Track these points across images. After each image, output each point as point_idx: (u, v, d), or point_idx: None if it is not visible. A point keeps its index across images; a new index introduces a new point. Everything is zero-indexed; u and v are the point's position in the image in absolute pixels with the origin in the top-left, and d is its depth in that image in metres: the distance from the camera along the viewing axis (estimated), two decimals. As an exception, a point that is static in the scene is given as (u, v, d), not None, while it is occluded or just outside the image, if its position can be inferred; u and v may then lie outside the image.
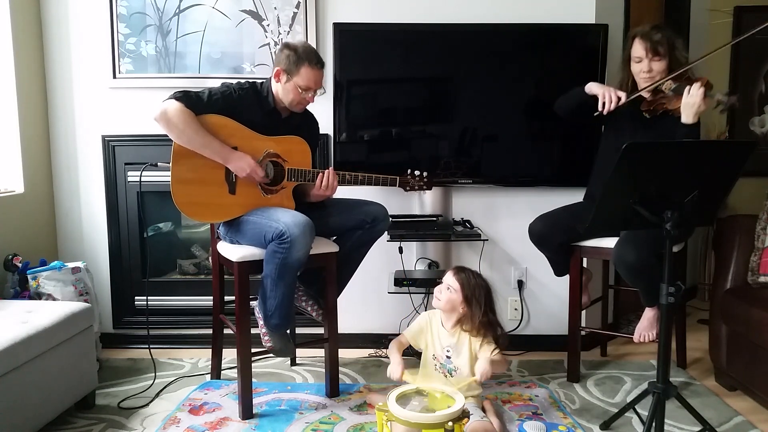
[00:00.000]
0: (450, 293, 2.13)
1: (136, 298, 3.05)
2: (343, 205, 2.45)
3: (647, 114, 2.39)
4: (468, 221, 2.90)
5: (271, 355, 2.43)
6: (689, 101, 2.19)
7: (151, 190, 2.94)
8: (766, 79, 3.84)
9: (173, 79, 2.89)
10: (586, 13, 2.85)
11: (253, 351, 2.28)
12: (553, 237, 2.50)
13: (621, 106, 2.36)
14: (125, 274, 3.05)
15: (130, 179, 2.98)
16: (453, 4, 2.85)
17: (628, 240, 2.24)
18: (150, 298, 2.87)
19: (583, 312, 2.71)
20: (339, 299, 2.47)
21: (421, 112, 2.91)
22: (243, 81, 2.37)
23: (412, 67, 2.89)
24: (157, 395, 2.47)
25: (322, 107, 2.66)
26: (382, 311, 3.00)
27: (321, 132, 2.66)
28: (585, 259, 2.59)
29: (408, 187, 2.47)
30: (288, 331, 2.45)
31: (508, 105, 2.88)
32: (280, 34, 2.89)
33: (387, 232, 2.54)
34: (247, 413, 2.26)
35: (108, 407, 2.36)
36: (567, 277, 2.58)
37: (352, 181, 2.37)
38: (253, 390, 2.33)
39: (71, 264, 2.68)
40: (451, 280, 2.14)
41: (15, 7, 2.77)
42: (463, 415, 1.74)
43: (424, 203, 2.90)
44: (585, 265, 2.68)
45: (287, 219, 2.14)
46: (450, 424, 1.71)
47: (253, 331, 2.28)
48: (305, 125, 2.45)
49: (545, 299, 3.03)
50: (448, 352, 2.15)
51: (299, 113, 2.41)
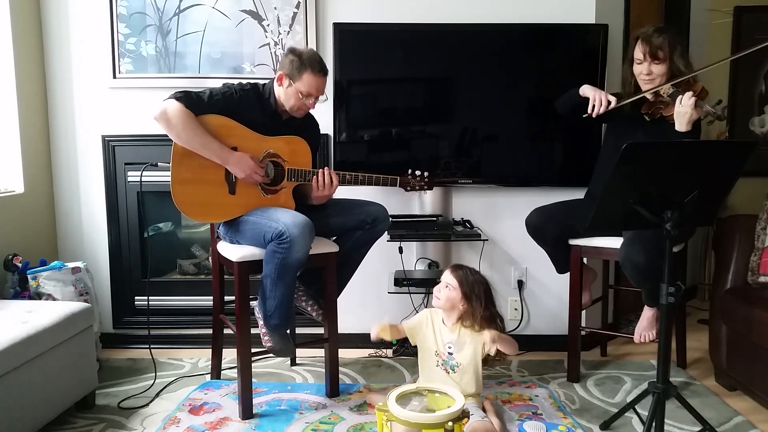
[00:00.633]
0: (449, 291, 2.13)
1: (136, 298, 3.05)
2: (344, 206, 2.45)
3: (647, 117, 2.39)
4: (468, 221, 2.90)
5: (271, 355, 2.44)
6: (680, 110, 2.20)
7: (151, 190, 2.94)
8: (766, 79, 3.84)
9: (173, 79, 2.89)
10: (586, 13, 2.85)
11: (253, 351, 2.28)
12: (549, 229, 2.51)
13: (621, 106, 2.37)
14: (125, 274, 3.05)
15: (130, 179, 2.98)
16: (453, 4, 2.86)
17: (635, 240, 2.23)
18: (150, 298, 2.87)
19: (583, 312, 2.71)
20: (339, 299, 2.47)
21: (421, 112, 2.92)
22: (244, 82, 2.37)
23: (412, 67, 2.89)
24: (157, 395, 2.47)
25: (322, 107, 2.65)
26: (382, 311, 3.00)
27: (321, 132, 2.66)
28: (585, 259, 2.59)
29: (408, 187, 2.47)
30: (288, 331, 2.45)
31: (508, 105, 2.88)
32: (280, 34, 2.89)
33: (387, 232, 2.54)
34: (247, 413, 2.26)
35: (108, 407, 2.36)
36: (567, 278, 2.58)
37: (352, 181, 2.37)
38: (253, 390, 2.33)
39: (71, 264, 2.68)
40: (450, 278, 2.14)
41: (15, 7, 2.77)
42: (463, 415, 1.74)
43: (424, 203, 2.90)
44: (589, 265, 2.69)
45: (287, 219, 2.14)
46: (450, 424, 1.70)
47: (253, 331, 2.28)
48: (305, 127, 2.45)
49: (545, 299, 3.03)
50: (450, 348, 2.15)
51: (299, 117, 2.41)
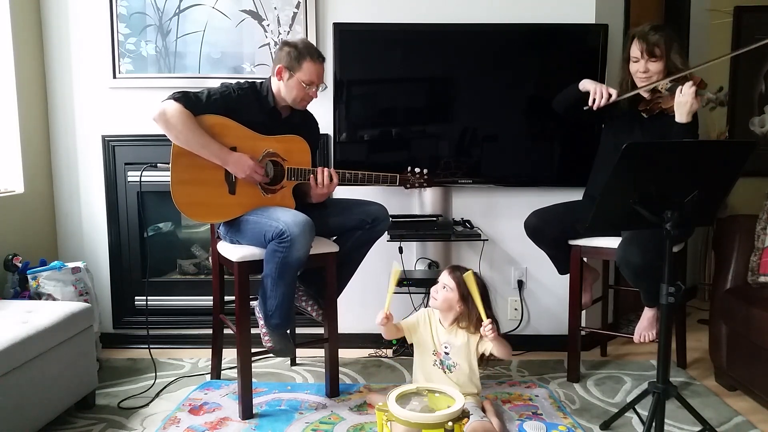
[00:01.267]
0: (446, 292, 2.13)
1: (136, 298, 3.05)
2: (344, 205, 2.45)
3: (645, 114, 2.40)
4: (468, 221, 2.90)
5: (271, 355, 2.43)
6: (681, 100, 2.20)
7: (151, 190, 2.94)
8: (766, 79, 3.84)
9: (173, 79, 2.89)
10: (586, 13, 2.85)
11: (253, 351, 2.28)
12: (548, 231, 2.51)
13: (618, 104, 2.39)
14: (125, 274, 3.05)
15: (130, 179, 2.98)
16: (453, 4, 2.86)
17: (632, 241, 2.23)
18: (150, 298, 2.88)
19: (583, 312, 2.71)
20: (339, 299, 2.47)
21: (421, 112, 2.92)
22: (242, 81, 2.37)
23: (412, 67, 2.89)
24: (157, 395, 2.47)
25: (322, 107, 2.66)
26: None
27: (321, 132, 2.66)
28: (585, 259, 2.59)
29: (408, 185, 2.47)
30: (288, 331, 2.45)
31: (508, 105, 2.88)
32: (280, 34, 2.89)
33: (387, 232, 2.54)
34: (247, 413, 2.26)
35: (108, 407, 2.36)
36: (567, 278, 2.58)
37: (351, 180, 2.37)
38: (253, 390, 2.33)
39: (71, 264, 2.68)
40: (447, 279, 2.14)
41: (15, 7, 2.77)
42: (463, 415, 1.74)
43: (424, 203, 2.90)
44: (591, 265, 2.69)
45: (287, 218, 2.14)
46: (450, 424, 1.71)
47: (253, 331, 2.28)
48: (305, 125, 2.45)
49: (545, 299, 3.03)
50: (446, 348, 2.16)
51: (299, 113, 2.42)
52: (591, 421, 2.23)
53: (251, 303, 2.33)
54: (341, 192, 2.41)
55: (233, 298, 2.27)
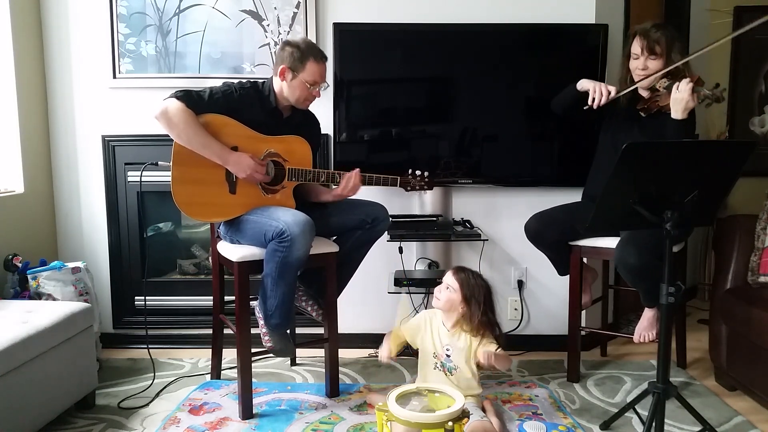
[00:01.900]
0: (449, 293, 2.13)
1: (136, 298, 3.05)
2: (344, 205, 2.45)
3: (643, 113, 2.40)
4: (468, 221, 2.90)
5: (271, 355, 2.43)
6: (677, 97, 2.20)
7: (151, 190, 2.94)
8: (766, 79, 3.84)
9: (173, 79, 2.89)
10: (586, 13, 2.85)
11: (253, 351, 2.28)
12: (548, 235, 2.51)
13: (617, 102, 2.38)
14: (125, 274, 3.05)
15: (130, 179, 2.98)
16: (453, 4, 2.85)
17: (629, 241, 2.23)
18: (150, 298, 2.88)
19: (583, 312, 2.71)
20: (339, 299, 2.47)
21: (421, 112, 2.92)
22: (244, 81, 2.37)
23: (412, 67, 2.89)
24: (157, 395, 2.47)
25: (322, 107, 2.66)
26: (382, 311, 3.00)
27: (321, 132, 2.66)
28: (585, 259, 2.59)
29: (409, 187, 2.47)
30: (288, 331, 2.45)
31: (508, 105, 2.88)
32: (280, 34, 2.89)
33: (387, 232, 2.54)
34: (247, 413, 2.26)
35: (108, 407, 2.36)
36: (567, 278, 2.58)
37: None
38: (253, 390, 2.33)
39: (71, 264, 2.68)
40: (451, 279, 2.15)
41: (15, 7, 2.77)
42: (463, 415, 1.74)
43: (424, 203, 2.90)
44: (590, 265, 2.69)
45: (287, 218, 2.14)
46: (450, 424, 1.70)
47: (253, 331, 2.28)
48: (306, 125, 2.45)
49: (545, 299, 3.03)
50: (448, 350, 2.16)
51: (300, 113, 2.42)
52: (591, 421, 2.23)
53: (251, 303, 2.33)
54: (341, 192, 2.42)
55: (233, 298, 2.27)
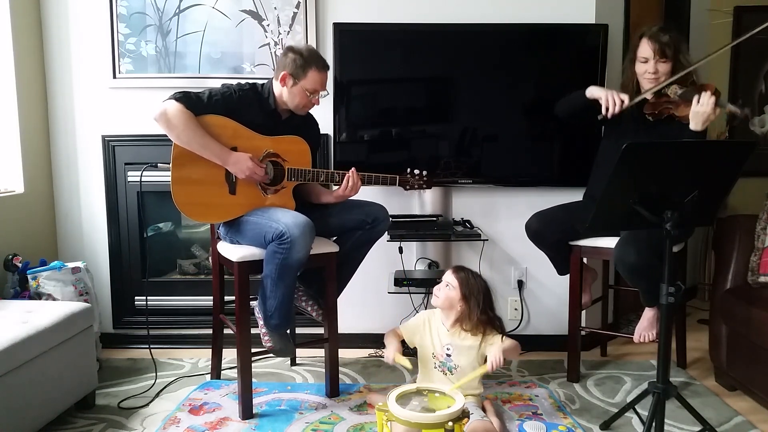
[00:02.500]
0: (449, 290, 2.13)
1: (136, 298, 3.05)
2: (344, 206, 2.45)
3: (651, 117, 2.36)
4: (468, 221, 2.90)
5: (271, 355, 2.43)
6: (699, 110, 2.17)
7: (151, 190, 2.94)
8: (766, 79, 3.84)
9: (173, 79, 2.89)
10: (586, 13, 2.84)
11: (253, 351, 2.28)
12: (549, 234, 2.51)
13: (624, 108, 2.35)
14: (125, 274, 3.05)
15: (130, 179, 2.98)
16: (453, 4, 2.85)
17: (628, 240, 2.24)
18: (150, 298, 2.88)
19: (583, 312, 2.71)
20: (339, 299, 2.47)
21: (421, 112, 2.92)
22: (243, 82, 2.37)
23: (412, 67, 2.89)
24: (157, 395, 2.47)
25: (322, 107, 2.65)
26: (382, 311, 3.00)
27: (321, 132, 2.66)
28: (585, 259, 2.59)
29: (408, 186, 2.47)
30: (288, 331, 2.45)
31: (508, 105, 2.88)
32: (280, 34, 2.89)
33: (387, 232, 2.54)
34: (247, 413, 2.26)
35: (108, 407, 2.36)
36: (567, 278, 2.58)
37: None
38: (253, 390, 2.33)
39: (71, 264, 2.68)
40: (450, 278, 2.15)
41: (15, 7, 2.77)
42: (463, 415, 1.74)
43: (424, 203, 2.90)
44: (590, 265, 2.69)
45: (287, 219, 2.14)
46: (450, 424, 1.71)
47: (253, 331, 2.28)
48: (305, 126, 2.45)
49: (545, 299, 3.03)
50: (448, 350, 2.16)
51: (299, 115, 2.42)
52: (591, 421, 2.23)
53: (251, 303, 2.33)
54: (341, 192, 2.42)
55: (233, 298, 2.27)
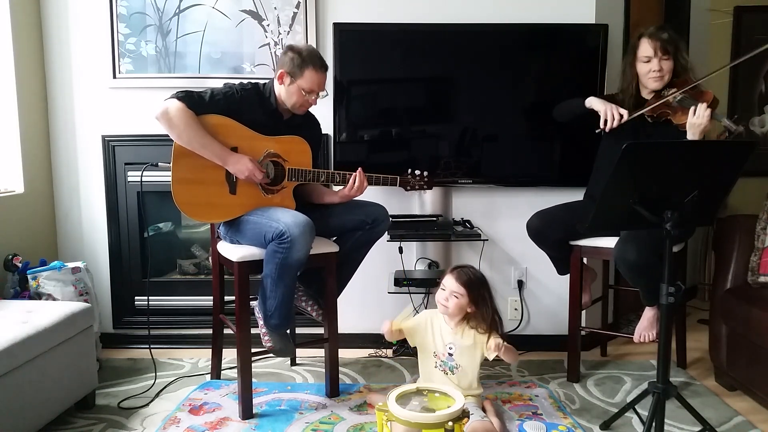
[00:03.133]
0: (458, 300, 2.10)
1: (136, 298, 3.05)
2: (344, 206, 2.45)
3: (650, 119, 2.39)
4: (468, 221, 2.90)
5: (271, 355, 2.43)
6: (695, 122, 2.20)
7: (151, 190, 2.94)
8: (766, 79, 3.84)
9: (173, 79, 2.89)
10: (586, 13, 2.85)
11: (253, 351, 2.28)
12: (550, 233, 2.51)
13: (623, 122, 2.36)
14: (125, 274, 3.05)
15: (130, 179, 2.98)
16: (453, 4, 2.85)
17: (629, 239, 2.24)
18: (150, 298, 2.87)
19: (583, 312, 2.71)
20: (339, 299, 2.47)
21: (421, 112, 2.92)
22: (245, 81, 2.37)
23: (412, 68, 2.89)
24: (157, 395, 2.47)
25: (322, 107, 2.65)
26: (382, 311, 2.99)
27: (322, 133, 2.66)
28: (585, 259, 2.59)
29: (408, 187, 2.48)
30: (288, 331, 2.45)
31: (508, 105, 2.88)
32: (280, 34, 2.89)
33: (387, 232, 2.54)
34: (247, 413, 2.26)
35: (108, 407, 2.36)
36: (567, 277, 2.58)
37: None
38: (253, 390, 2.33)
39: (71, 264, 2.68)
40: (456, 286, 2.10)
41: (15, 7, 2.77)
42: (463, 415, 1.74)
43: (424, 203, 2.90)
44: (589, 265, 2.68)
45: (287, 219, 2.14)
46: (450, 424, 1.71)
47: (253, 331, 2.28)
48: (306, 126, 2.46)
49: (545, 299, 3.03)
50: (450, 349, 2.15)
51: (301, 115, 2.42)
52: (591, 421, 2.23)
53: (251, 303, 2.33)
54: (341, 192, 2.42)
55: (233, 298, 2.27)
